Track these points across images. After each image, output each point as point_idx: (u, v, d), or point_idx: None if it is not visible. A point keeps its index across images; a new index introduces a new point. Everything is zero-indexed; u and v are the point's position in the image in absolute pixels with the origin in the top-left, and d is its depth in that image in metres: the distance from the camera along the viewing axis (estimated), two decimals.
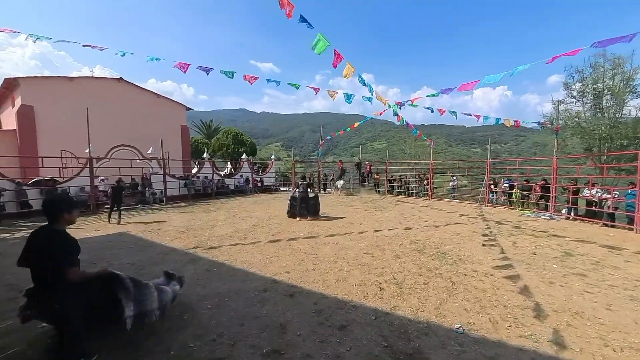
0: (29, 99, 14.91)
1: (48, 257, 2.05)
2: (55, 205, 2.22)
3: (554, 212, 9.64)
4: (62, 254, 2.08)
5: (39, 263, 2.07)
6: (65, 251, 2.11)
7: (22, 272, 4.40)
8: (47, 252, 2.06)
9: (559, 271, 4.50)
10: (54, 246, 2.08)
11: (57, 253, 2.07)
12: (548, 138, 20.22)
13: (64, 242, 2.14)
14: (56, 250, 2.07)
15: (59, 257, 2.06)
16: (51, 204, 2.22)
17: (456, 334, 2.84)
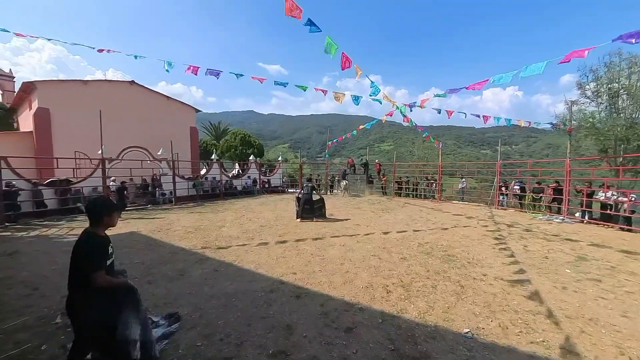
0: (45, 101, 15.40)
1: (74, 260, 2.04)
2: (97, 208, 2.19)
3: (566, 215, 9.39)
4: (85, 256, 2.03)
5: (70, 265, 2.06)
6: (89, 254, 2.04)
7: (37, 270, 4.55)
8: (75, 254, 2.05)
9: (573, 276, 4.38)
10: (80, 248, 2.05)
11: (81, 255, 2.03)
12: (561, 139, 19.76)
13: (92, 244, 2.09)
14: (80, 252, 2.04)
15: (82, 259, 2.03)
16: (93, 207, 2.20)
17: (465, 339, 2.79)
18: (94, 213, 2.17)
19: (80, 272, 2.01)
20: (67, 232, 7.37)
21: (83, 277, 1.98)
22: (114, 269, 2.32)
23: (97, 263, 2.03)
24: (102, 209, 2.19)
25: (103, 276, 2.03)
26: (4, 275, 4.36)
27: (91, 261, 2.01)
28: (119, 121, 16.66)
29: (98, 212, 2.16)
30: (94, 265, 2.00)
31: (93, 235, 2.14)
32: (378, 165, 17.63)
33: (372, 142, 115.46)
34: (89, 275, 1.96)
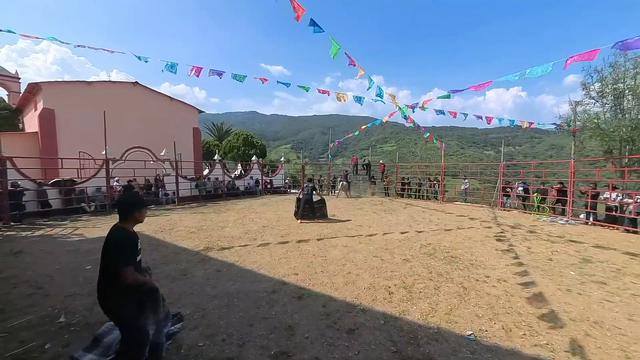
0: (50, 102, 15.55)
1: (104, 254, 2.04)
2: (128, 203, 2.20)
3: (571, 217, 9.31)
4: (115, 250, 2.02)
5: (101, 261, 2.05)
6: (119, 248, 2.03)
7: (41, 269, 4.59)
8: (105, 248, 2.05)
9: (577, 278, 4.34)
10: (110, 243, 2.05)
11: (111, 249, 2.03)
12: (565, 140, 19.59)
13: (123, 239, 2.07)
14: (110, 247, 2.04)
15: (111, 253, 2.02)
16: (124, 203, 2.22)
17: (468, 341, 2.77)
18: (125, 208, 2.16)
19: (110, 267, 2.00)
20: (71, 232, 7.42)
21: (113, 273, 1.98)
22: (141, 266, 2.34)
23: (126, 258, 2.01)
24: (134, 204, 2.18)
25: (132, 272, 2.01)
26: (9, 275, 4.40)
27: (121, 256, 2.00)
28: (122, 122, 16.78)
29: (129, 208, 2.16)
30: (123, 260, 1.99)
31: (123, 231, 2.13)
32: (382, 166, 17.60)
33: (374, 143, 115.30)
34: (118, 270, 1.96)
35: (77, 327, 2.96)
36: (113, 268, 1.98)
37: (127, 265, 1.99)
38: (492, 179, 14.86)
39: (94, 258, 5.18)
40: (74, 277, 4.32)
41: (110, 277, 2.00)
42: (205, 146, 29.97)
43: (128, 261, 2.01)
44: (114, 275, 1.97)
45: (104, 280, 2.03)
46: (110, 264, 2.00)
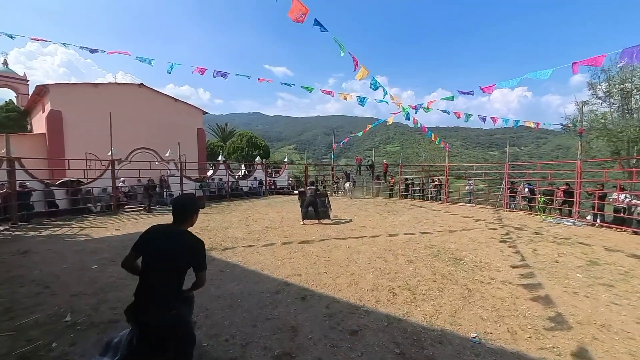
0: (57, 104, 15.79)
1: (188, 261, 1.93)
2: (188, 205, 2.05)
3: (577, 218, 9.19)
4: (200, 254, 1.96)
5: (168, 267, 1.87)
6: (203, 252, 1.99)
7: (48, 269, 4.65)
8: (187, 255, 1.92)
9: (584, 281, 4.28)
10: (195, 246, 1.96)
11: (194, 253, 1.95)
12: (571, 141, 19.37)
13: (202, 244, 2.00)
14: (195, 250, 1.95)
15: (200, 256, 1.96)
16: (184, 205, 2.05)
17: (472, 344, 2.75)
18: (185, 210, 2.03)
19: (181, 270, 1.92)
20: (78, 232, 7.51)
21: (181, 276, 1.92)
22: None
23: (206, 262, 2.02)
24: (194, 206, 2.07)
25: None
26: (16, 274, 4.46)
27: (204, 260, 1.99)
28: (128, 123, 16.98)
29: (190, 210, 2.04)
30: (205, 264, 2.01)
31: (196, 236, 2.04)
32: (385, 166, 17.54)
33: (378, 144, 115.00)
34: (200, 271, 1.98)
35: (83, 326, 2.99)
36: (198, 270, 1.98)
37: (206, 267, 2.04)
38: (497, 180, 14.72)
39: (100, 258, 5.24)
40: (80, 276, 4.37)
41: (181, 282, 1.93)
42: (210, 147, 30.15)
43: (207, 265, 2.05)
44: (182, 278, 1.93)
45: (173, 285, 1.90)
46: (195, 268, 1.97)
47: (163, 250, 1.87)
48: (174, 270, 1.89)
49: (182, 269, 1.92)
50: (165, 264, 1.86)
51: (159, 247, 1.89)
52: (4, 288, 3.95)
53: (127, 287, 3.92)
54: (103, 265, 4.84)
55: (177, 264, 1.88)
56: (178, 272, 1.90)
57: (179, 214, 2.01)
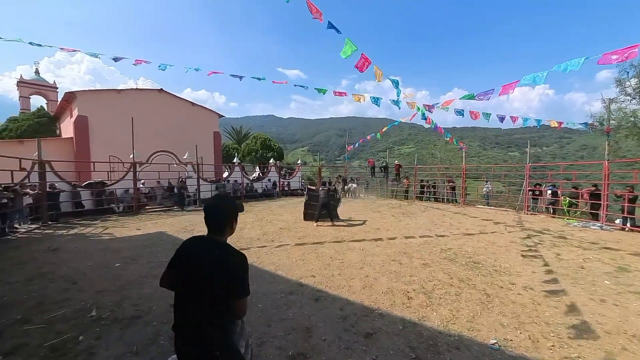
0: (84, 110, 16.64)
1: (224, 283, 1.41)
2: (227, 209, 1.57)
3: (605, 222, 8.71)
4: (245, 276, 1.47)
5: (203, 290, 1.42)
6: (246, 273, 1.49)
7: (75, 266, 4.90)
8: (222, 276, 1.41)
9: (612, 288, 4.05)
10: (233, 266, 1.45)
11: (239, 274, 1.45)
12: (598, 140, 18.41)
13: (244, 262, 1.50)
14: (234, 271, 1.44)
15: (239, 279, 1.45)
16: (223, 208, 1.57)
17: (491, 350, 2.67)
18: (223, 216, 1.55)
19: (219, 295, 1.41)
20: (102, 231, 7.87)
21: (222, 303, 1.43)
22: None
23: (248, 285, 1.50)
24: (232, 210, 1.59)
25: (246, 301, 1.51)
26: (47, 270, 4.73)
27: (247, 283, 1.49)
28: (148, 127, 17.63)
29: (228, 215, 1.57)
30: (248, 288, 1.49)
31: (237, 250, 1.54)
32: (397, 167, 17.33)
33: (392, 145, 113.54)
34: (239, 299, 1.44)
35: (107, 321, 3.13)
36: (236, 297, 1.44)
37: (249, 293, 1.50)
38: (517, 181, 14.20)
39: (122, 256, 5.47)
40: (104, 274, 4.58)
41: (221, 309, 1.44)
42: (225, 149, 30.80)
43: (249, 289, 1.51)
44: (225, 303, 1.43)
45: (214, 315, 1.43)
46: (234, 292, 1.44)
47: (195, 269, 1.45)
48: (211, 295, 1.41)
49: (220, 294, 1.41)
50: (198, 287, 1.43)
51: (191, 264, 1.48)
52: (36, 283, 4.20)
53: (149, 285, 4.08)
54: (126, 264, 5.05)
55: (212, 286, 1.41)
56: (216, 298, 1.41)
57: (215, 220, 1.55)
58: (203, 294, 1.42)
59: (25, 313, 3.29)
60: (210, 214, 1.55)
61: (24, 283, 4.20)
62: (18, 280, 4.32)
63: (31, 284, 4.16)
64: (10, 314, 3.28)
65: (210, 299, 1.41)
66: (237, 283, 1.44)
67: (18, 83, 27.49)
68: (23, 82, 27.56)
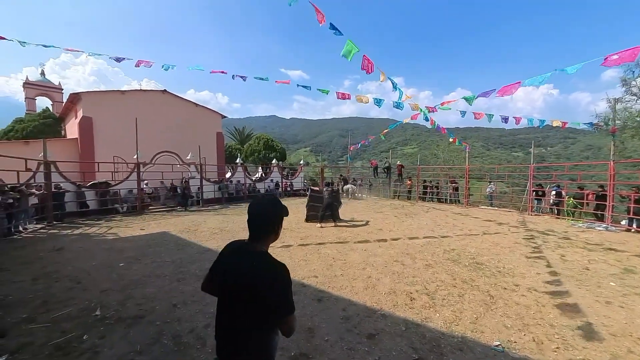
0: (89, 110, 16.78)
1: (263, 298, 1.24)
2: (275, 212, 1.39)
3: (611, 223, 8.62)
4: (287, 291, 1.28)
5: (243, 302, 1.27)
6: (289, 288, 1.30)
7: (79, 265, 4.93)
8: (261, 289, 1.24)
9: (618, 290, 4.01)
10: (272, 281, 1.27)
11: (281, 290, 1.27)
12: (603, 140, 18.22)
13: (288, 273, 1.31)
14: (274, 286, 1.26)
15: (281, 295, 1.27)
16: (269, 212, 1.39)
17: (495, 352, 2.65)
18: (267, 220, 1.38)
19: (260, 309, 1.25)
20: (106, 231, 7.93)
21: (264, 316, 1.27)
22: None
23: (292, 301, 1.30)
24: (279, 214, 1.40)
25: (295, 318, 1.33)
26: (52, 270, 4.78)
27: (291, 299, 1.29)
28: (152, 127, 17.75)
29: (275, 219, 1.39)
30: (293, 304, 1.30)
31: (277, 260, 1.35)
32: (399, 167, 17.30)
33: (394, 145, 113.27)
34: (283, 317, 1.28)
35: (111, 320, 3.15)
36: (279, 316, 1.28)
37: (294, 309, 1.31)
38: (521, 182, 14.10)
39: (126, 256, 5.51)
40: (109, 273, 4.61)
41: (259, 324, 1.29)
42: (228, 150, 30.93)
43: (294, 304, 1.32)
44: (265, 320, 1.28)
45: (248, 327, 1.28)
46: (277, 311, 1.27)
47: (230, 280, 1.31)
48: (248, 309, 1.27)
49: (258, 309, 1.26)
50: (235, 299, 1.29)
51: (226, 274, 1.35)
52: (41, 282, 4.24)
53: (152, 285, 4.11)
54: (129, 263, 5.08)
55: (248, 301, 1.26)
56: (254, 313, 1.27)
57: (257, 225, 1.38)
58: (240, 307, 1.28)
59: (31, 312, 3.33)
60: (252, 218, 1.38)
61: (29, 282, 4.25)
62: (24, 279, 4.36)
63: (36, 283, 4.20)
64: (16, 312, 3.32)
65: (248, 313, 1.27)
66: (279, 301, 1.25)
67: (24, 84, 27.83)
68: (29, 83, 27.89)
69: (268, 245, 1.41)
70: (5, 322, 3.11)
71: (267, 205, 1.40)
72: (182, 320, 3.15)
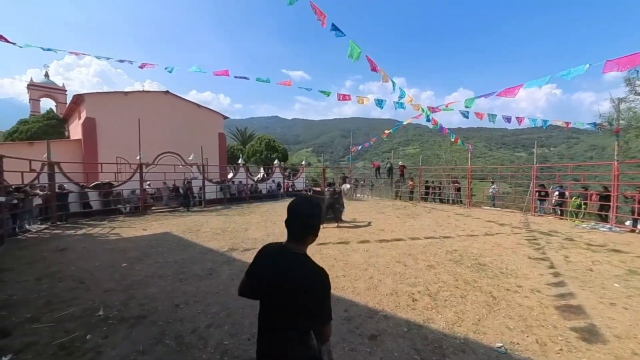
0: (92, 112, 16.89)
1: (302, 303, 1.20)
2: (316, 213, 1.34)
3: (615, 224, 8.55)
4: (326, 298, 1.22)
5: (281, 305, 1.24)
6: (328, 296, 1.23)
7: (83, 265, 4.96)
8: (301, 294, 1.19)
9: (622, 291, 3.98)
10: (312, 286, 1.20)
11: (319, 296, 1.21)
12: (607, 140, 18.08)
13: (325, 282, 1.23)
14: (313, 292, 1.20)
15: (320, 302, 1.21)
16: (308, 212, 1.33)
17: (497, 354, 2.64)
18: (308, 222, 1.32)
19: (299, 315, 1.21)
20: (109, 232, 7.97)
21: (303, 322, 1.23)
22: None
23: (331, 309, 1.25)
24: (320, 215, 1.37)
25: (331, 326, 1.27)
26: (56, 270, 4.81)
27: (329, 307, 1.23)
28: (154, 128, 17.82)
29: (317, 219, 1.34)
30: (331, 312, 1.24)
31: (319, 266, 1.28)
32: (401, 168, 17.26)
33: (396, 146, 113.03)
34: (322, 326, 1.23)
35: (114, 320, 3.17)
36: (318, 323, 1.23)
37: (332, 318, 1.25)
38: (524, 182, 14.02)
39: (129, 256, 5.53)
40: (112, 273, 4.64)
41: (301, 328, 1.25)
42: (230, 151, 31.00)
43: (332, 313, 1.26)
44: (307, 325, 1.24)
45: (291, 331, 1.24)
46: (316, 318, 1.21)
47: (270, 283, 1.27)
48: (288, 313, 1.22)
49: (298, 315, 1.21)
50: (275, 303, 1.25)
51: (265, 277, 1.30)
52: (45, 282, 4.27)
53: (155, 285, 4.13)
54: (132, 264, 5.11)
55: (289, 306, 1.22)
56: (295, 318, 1.22)
57: (301, 225, 1.33)
58: (281, 311, 1.24)
59: (35, 312, 3.35)
60: (295, 218, 1.32)
61: (33, 282, 4.28)
62: (28, 279, 4.40)
63: (40, 283, 4.23)
64: (20, 312, 3.34)
65: (289, 318, 1.23)
66: (319, 308, 1.20)
67: (28, 86, 28.06)
68: (33, 85, 28.11)
69: (307, 247, 1.36)
70: (10, 321, 3.13)
71: (310, 205, 1.36)
72: (185, 320, 3.16)
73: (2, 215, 6.78)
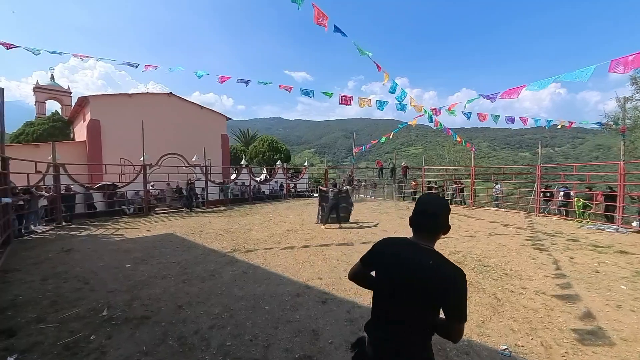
0: (96, 114, 17.04)
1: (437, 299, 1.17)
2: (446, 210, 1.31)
3: (621, 225, 8.45)
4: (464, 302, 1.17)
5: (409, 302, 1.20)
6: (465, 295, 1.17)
7: (87, 266, 5.00)
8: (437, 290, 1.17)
9: (629, 293, 3.92)
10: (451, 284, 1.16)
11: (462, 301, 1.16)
12: (612, 140, 17.87)
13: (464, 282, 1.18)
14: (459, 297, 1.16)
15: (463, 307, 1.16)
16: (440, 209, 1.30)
17: (502, 356, 2.61)
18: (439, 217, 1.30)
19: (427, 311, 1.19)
20: (113, 232, 8.04)
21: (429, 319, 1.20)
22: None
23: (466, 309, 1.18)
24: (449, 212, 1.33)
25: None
26: (61, 270, 4.85)
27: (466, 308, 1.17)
28: (158, 130, 17.93)
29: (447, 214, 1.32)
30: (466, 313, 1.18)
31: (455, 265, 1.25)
32: (404, 168, 17.21)
33: (399, 146, 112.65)
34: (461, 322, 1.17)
35: (118, 321, 3.19)
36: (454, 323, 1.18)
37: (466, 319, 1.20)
38: (528, 182, 13.90)
39: (133, 257, 5.57)
40: (116, 274, 4.67)
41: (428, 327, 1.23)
42: (233, 152, 31.11)
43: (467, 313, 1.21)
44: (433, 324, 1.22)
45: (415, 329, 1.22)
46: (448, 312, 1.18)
47: (404, 274, 1.22)
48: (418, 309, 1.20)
49: (429, 310, 1.19)
50: (408, 296, 1.20)
51: (399, 268, 1.25)
52: (50, 283, 4.31)
53: (158, 285, 4.15)
54: (136, 264, 5.14)
55: (421, 300, 1.18)
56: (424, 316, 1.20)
57: (431, 221, 1.30)
58: (409, 306, 1.20)
59: (40, 312, 3.38)
60: (429, 214, 1.30)
61: (39, 282, 4.32)
62: (33, 279, 4.44)
63: (46, 284, 4.27)
64: (26, 312, 3.38)
65: (417, 314, 1.20)
66: (458, 308, 1.16)
67: (34, 88, 28.40)
68: (39, 87, 28.45)
69: (435, 243, 1.35)
70: (16, 321, 3.17)
71: (442, 201, 1.36)
72: (188, 321, 3.18)
73: (8, 216, 6.86)
